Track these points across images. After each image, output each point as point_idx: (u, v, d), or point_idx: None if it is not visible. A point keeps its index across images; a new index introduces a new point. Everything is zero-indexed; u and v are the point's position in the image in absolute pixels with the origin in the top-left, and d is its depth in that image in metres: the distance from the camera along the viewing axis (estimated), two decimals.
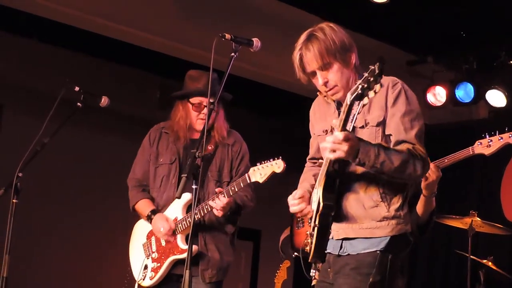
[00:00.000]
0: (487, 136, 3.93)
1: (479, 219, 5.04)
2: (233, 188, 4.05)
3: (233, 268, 8.24)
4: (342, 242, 3.07)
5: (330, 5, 6.05)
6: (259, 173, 3.95)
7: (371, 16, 6.39)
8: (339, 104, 3.18)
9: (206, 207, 4.10)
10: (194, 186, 3.22)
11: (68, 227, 6.63)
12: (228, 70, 3.34)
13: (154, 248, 4.31)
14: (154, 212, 4.28)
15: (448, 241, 6.91)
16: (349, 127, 3.05)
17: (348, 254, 3.06)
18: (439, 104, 7.10)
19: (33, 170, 4.09)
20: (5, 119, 6.50)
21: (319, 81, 3.11)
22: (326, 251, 3.10)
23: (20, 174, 4.00)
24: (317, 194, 3.04)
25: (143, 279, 4.28)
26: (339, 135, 2.88)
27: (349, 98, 2.82)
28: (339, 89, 3.11)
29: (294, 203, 3.14)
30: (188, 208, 4.22)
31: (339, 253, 3.08)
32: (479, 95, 6.87)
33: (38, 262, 6.41)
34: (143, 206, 4.34)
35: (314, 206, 3.05)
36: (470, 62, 6.93)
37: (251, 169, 4.00)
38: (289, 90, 6.66)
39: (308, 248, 3.09)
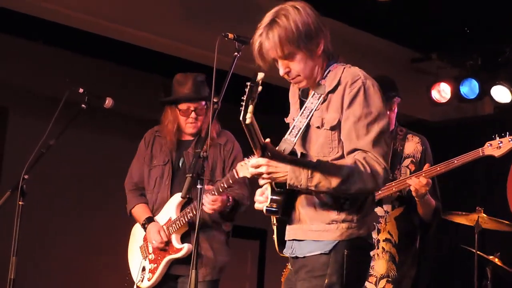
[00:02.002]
0: (497, 137, 3.88)
1: (485, 215, 5.03)
2: (222, 185, 4.04)
3: (240, 268, 8.30)
4: (292, 243, 2.92)
5: (334, 3, 6.04)
6: (246, 167, 3.88)
7: (374, 14, 6.39)
8: (303, 92, 3.00)
9: (192, 209, 4.11)
10: (199, 186, 3.22)
11: (75, 229, 6.64)
12: (231, 69, 3.32)
13: (150, 249, 4.33)
14: (148, 220, 4.31)
15: (455, 237, 6.90)
16: (303, 124, 2.85)
17: (297, 256, 2.90)
18: (444, 100, 7.09)
19: (38, 172, 4.10)
20: (11, 121, 6.52)
21: (280, 70, 2.87)
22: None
23: (26, 176, 3.99)
24: None
25: (141, 281, 4.30)
26: (254, 161, 2.74)
27: (241, 115, 2.55)
28: (301, 79, 2.88)
29: (259, 200, 2.96)
30: (182, 207, 4.24)
31: (290, 254, 2.94)
32: (484, 91, 6.85)
33: (45, 264, 6.42)
34: (139, 212, 4.38)
35: None
36: (474, 58, 6.92)
37: (239, 164, 3.97)
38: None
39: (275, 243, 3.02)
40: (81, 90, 4.26)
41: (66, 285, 6.60)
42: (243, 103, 2.53)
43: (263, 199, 2.94)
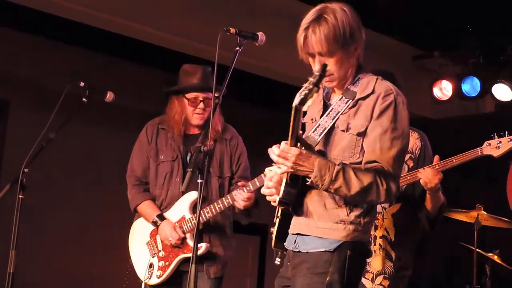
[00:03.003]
0: (496, 136, 3.87)
1: (485, 212, 5.04)
2: (248, 188, 4.09)
3: (241, 263, 8.27)
4: (296, 237, 2.94)
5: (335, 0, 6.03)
6: (275, 172, 3.90)
7: (377, 11, 6.38)
8: (327, 94, 3.05)
9: (219, 206, 4.13)
10: (199, 181, 3.21)
11: (74, 222, 6.65)
12: (233, 64, 3.32)
13: (160, 246, 4.30)
14: (160, 217, 4.27)
15: (454, 234, 6.91)
16: (329, 124, 2.89)
17: (299, 251, 2.92)
18: (445, 98, 7.11)
19: (39, 166, 4.09)
20: (11, 114, 6.51)
21: (316, 65, 2.88)
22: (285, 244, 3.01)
23: (26, 170, 3.99)
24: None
25: (149, 278, 4.28)
26: (287, 148, 2.77)
27: (296, 100, 2.64)
28: (334, 78, 2.91)
29: (268, 184, 2.99)
30: (195, 206, 4.22)
31: (292, 249, 2.95)
32: (485, 89, 6.86)
33: (44, 257, 6.43)
34: (148, 209, 4.33)
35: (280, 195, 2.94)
36: (476, 56, 6.93)
37: (267, 169, 3.95)
38: (294, 85, 6.65)
39: (273, 236, 3.04)
40: (82, 84, 4.25)
41: (66, 279, 6.60)
42: (306, 90, 2.61)
43: (272, 184, 2.97)
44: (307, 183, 2.82)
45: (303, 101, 2.63)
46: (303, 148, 2.82)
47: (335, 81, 2.94)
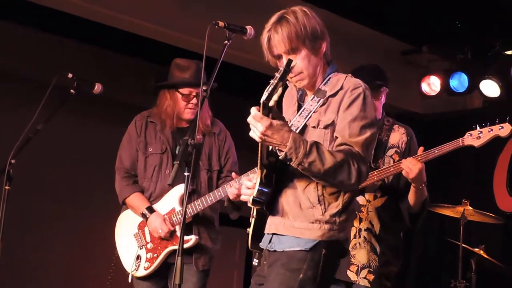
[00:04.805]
0: (478, 127, 3.90)
1: (471, 208, 5.07)
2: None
3: (228, 256, 8.26)
4: (272, 237, 2.98)
5: None
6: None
7: (366, 5, 6.39)
8: (301, 96, 3.10)
9: (210, 198, 4.14)
10: (186, 173, 3.22)
11: (60, 214, 6.63)
12: (221, 57, 3.31)
13: (148, 238, 4.30)
14: (150, 209, 4.27)
15: (441, 229, 6.94)
16: (301, 123, 2.95)
17: (275, 250, 2.96)
18: (433, 93, 7.13)
19: (25, 157, 4.08)
20: None
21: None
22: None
23: (12, 161, 3.98)
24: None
25: (137, 270, 4.28)
26: (258, 116, 2.73)
27: (263, 96, 2.71)
28: (304, 76, 2.98)
29: (246, 185, 3.02)
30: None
31: (267, 248, 2.99)
32: (473, 85, 6.88)
33: (30, 248, 6.41)
34: (137, 201, 4.33)
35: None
36: (464, 52, 6.93)
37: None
38: None
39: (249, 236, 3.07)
40: (70, 75, 4.24)
41: (53, 270, 6.60)
42: (271, 86, 2.68)
43: (250, 184, 3.00)
44: (280, 157, 2.81)
45: (269, 97, 2.69)
46: (275, 117, 2.79)
47: (305, 79, 3.00)
